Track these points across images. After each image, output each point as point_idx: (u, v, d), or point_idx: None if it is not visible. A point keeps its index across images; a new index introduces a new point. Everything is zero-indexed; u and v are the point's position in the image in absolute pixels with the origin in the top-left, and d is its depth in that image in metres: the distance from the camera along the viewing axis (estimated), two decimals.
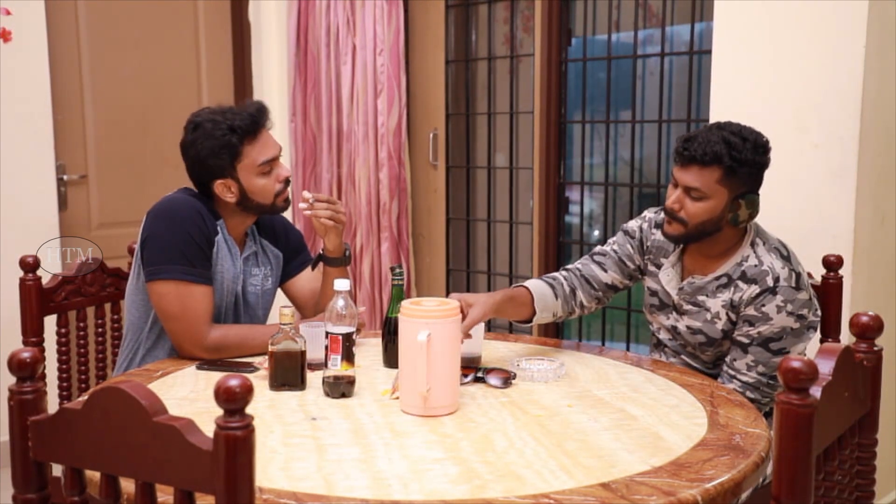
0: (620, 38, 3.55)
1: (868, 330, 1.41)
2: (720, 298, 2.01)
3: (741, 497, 1.62)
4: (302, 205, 2.16)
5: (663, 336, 2.17)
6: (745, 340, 1.96)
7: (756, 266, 1.97)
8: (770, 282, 1.94)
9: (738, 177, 1.94)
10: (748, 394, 1.94)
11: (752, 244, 2.01)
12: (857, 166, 2.48)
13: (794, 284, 1.94)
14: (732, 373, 1.98)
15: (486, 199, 3.84)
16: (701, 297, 2.04)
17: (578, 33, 3.49)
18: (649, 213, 2.20)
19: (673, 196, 2.00)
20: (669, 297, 2.11)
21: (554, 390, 1.84)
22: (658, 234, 2.14)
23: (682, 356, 2.13)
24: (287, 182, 2.18)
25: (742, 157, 1.92)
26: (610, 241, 2.23)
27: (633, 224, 2.21)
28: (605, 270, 2.18)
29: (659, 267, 2.13)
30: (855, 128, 2.47)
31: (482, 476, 1.38)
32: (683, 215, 1.98)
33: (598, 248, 2.23)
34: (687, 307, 2.06)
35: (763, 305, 1.93)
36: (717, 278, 2.02)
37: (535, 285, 2.13)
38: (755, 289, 1.95)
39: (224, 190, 2.12)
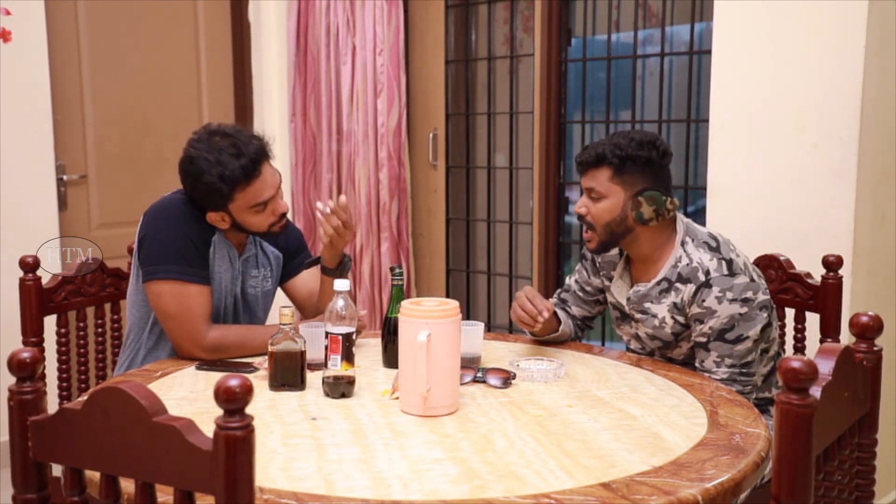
0: (620, 38, 3.55)
1: (868, 330, 1.41)
2: (664, 303, 2.04)
3: (741, 497, 1.62)
4: (319, 205, 2.14)
5: (634, 346, 2.21)
6: (703, 339, 1.99)
7: (688, 265, 2.01)
8: (702, 276, 1.98)
9: (629, 174, 2.02)
10: (722, 387, 1.95)
11: (683, 243, 2.05)
12: (857, 166, 2.48)
13: (725, 272, 1.97)
14: (706, 375, 2.00)
15: (486, 199, 3.84)
16: (647, 304, 2.07)
17: (578, 33, 3.49)
18: None
19: (578, 202, 2.10)
20: (623, 308, 2.15)
21: (554, 390, 1.84)
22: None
23: (655, 358, 2.16)
24: (283, 216, 2.14)
25: (625, 154, 2.01)
26: (574, 269, 2.33)
27: (586, 248, 2.27)
28: (570, 307, 2.30)
29: (611, 281, 2.19)
30: (855, 128, 2.47)
31: (482, 476, 1.38)
32: (590, 219, 2.07)
33: (564, 286, 2.33)
34: (638, 315, 2.10)
35: (703, 301, 1.97)
36: (659, 283, 2.05)
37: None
38: (691, 287, 1.99)
39: (217, 219, 2.10)
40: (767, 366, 2.09)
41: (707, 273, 1.97)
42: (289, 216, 2.44)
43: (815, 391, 1.17)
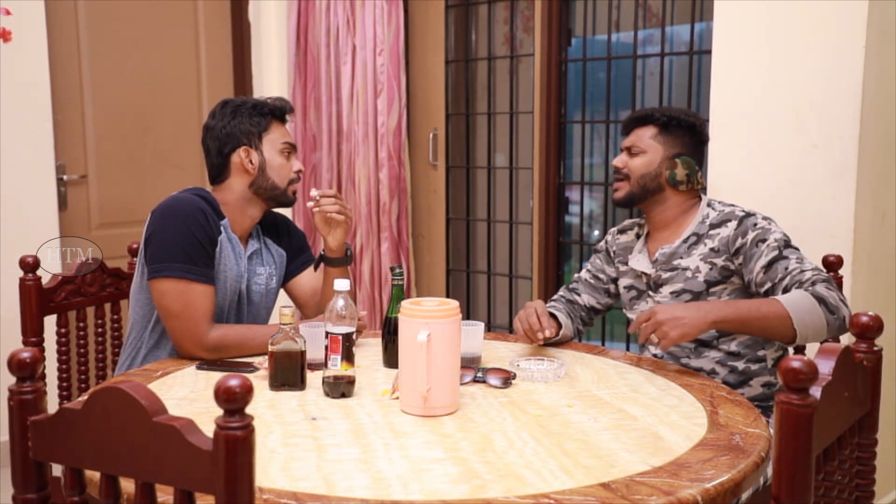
0: (620, 38, 3.55)
1: (868, 330, 1.41)
2: (695, 254, 2.12)
3: (741, 497, 1.62)
4: (310, 203, 2.19)
5: None
6: (776, 253, 2.00)
7: (719, 213, 2.12)
8: (740, 213, 2.09)
9: (672, 135, 2.18)
10: (823, 274, 1.95)
11: (709, 204, 2.17)
12: (857, 166, 2.48)
13: (758, 213, 2.09)
14: (797, 273, 1.96)
15: (486, 199, 3.84)
16: (676, 261, 2.14)
17: (578, 33, 3.49)
18: (613, 228, 2.39)
19: (618, 158, 2.24)
20: (644, 279, 2.21)
21: (554, 390, 1.84)
22: (622, 238, 2.32)
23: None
24: (299, 176, 2.25)
25: (671, 115, 2.18)
26: (587, 262, 2.41)
27: (600, 242, 2.40)
28: (580, 295, 2.36)
29: (627, 263, 2.27)
30: (855, 128, 2.47)
31: (482, 476, 1.38)
32: (626, 171, 2.20)
33: (574, 278, 2.42)
34: (666, 275, 2.16)
35: (755, 224, 2.05)
36: (686, 240, 2.14)
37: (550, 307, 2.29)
38: (733, 223, 2.08)
39: (245, 159, 2.17)
40: (779, 352, 2.12)
41: (744, 211, 2.09)
42: (289, 217, 2.46)
43: (815, 391, 1.17)
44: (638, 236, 2.27)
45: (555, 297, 2.39)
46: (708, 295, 2.10)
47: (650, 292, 2.20)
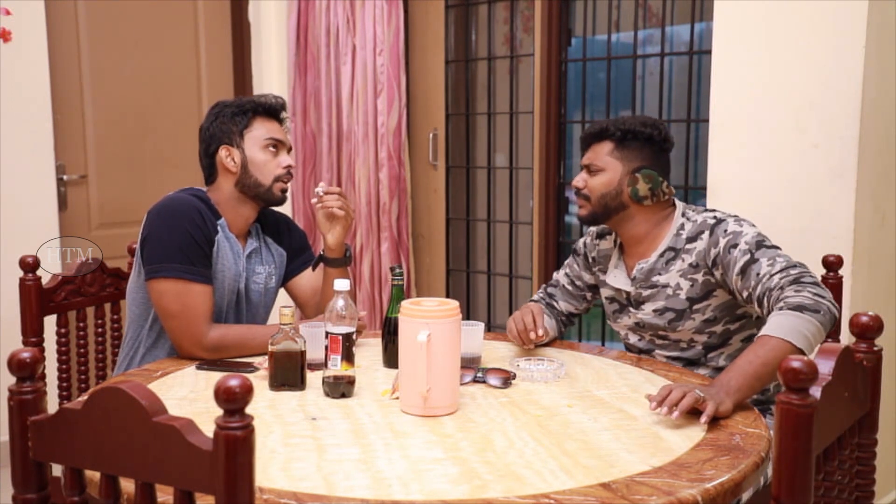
0: (620, 38, 3.55)
1: (868, 330, 1.41)
2: (674, 270, 2.04)
3: (742, 497, 1.62)
4: (314, 199, 2.19)
5: (632, 339, 2.18)
6: (746, 256, 1.91)
7: (693, 224, 2.04)
8: (711, 221, 2.02)
9: (630, 149, 2.07)
10: (792, 271, 1.84)
11: (683, 214, 2.09)
12: (857, 166, 2.48)
13: (732, 216, 2.02)
14: (766, 279, 1.86)
15: (486, 199, 3.84)
16: (655, 277, 2.07)
17: (578, 33, 3.49)
18: (593, 228, 2.28)
19: (577, 177, 2.13)
20: (623, 294, 2.14)
21: (554, 390, 1.84)
22: (602, 244, 2.24)
23: (654, 353, 2.14)
24: (289, 172, 2.20)
25: (627, 128, 2.07)
26: (564, 264, 2.35)
27: (579, 242, 2.32)
28: (558, 302, 2.32)
29: (606, 273, 2.20)
30: (855, 128, 2.47)
31: (482, 476, 1.38)
32: (586, 192, 2.10)
33: (552, 280, 2.36)
34: (646, 293, 2.08)
35: (726, 230, 1.98)
36: (662, 254, 2.06)
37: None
38: (706, 234, 2.01)
39: (227, 158, 2.16)
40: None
41: (715, 218, 2.02)
42: (289, 216, 2.45)
43: (815, 391, 1.17)
44: (615, 242, 2.19)
45: (535, 297, 2.36)
46: (692, 312, 2.02)
47: (631, 308, 2.13)
